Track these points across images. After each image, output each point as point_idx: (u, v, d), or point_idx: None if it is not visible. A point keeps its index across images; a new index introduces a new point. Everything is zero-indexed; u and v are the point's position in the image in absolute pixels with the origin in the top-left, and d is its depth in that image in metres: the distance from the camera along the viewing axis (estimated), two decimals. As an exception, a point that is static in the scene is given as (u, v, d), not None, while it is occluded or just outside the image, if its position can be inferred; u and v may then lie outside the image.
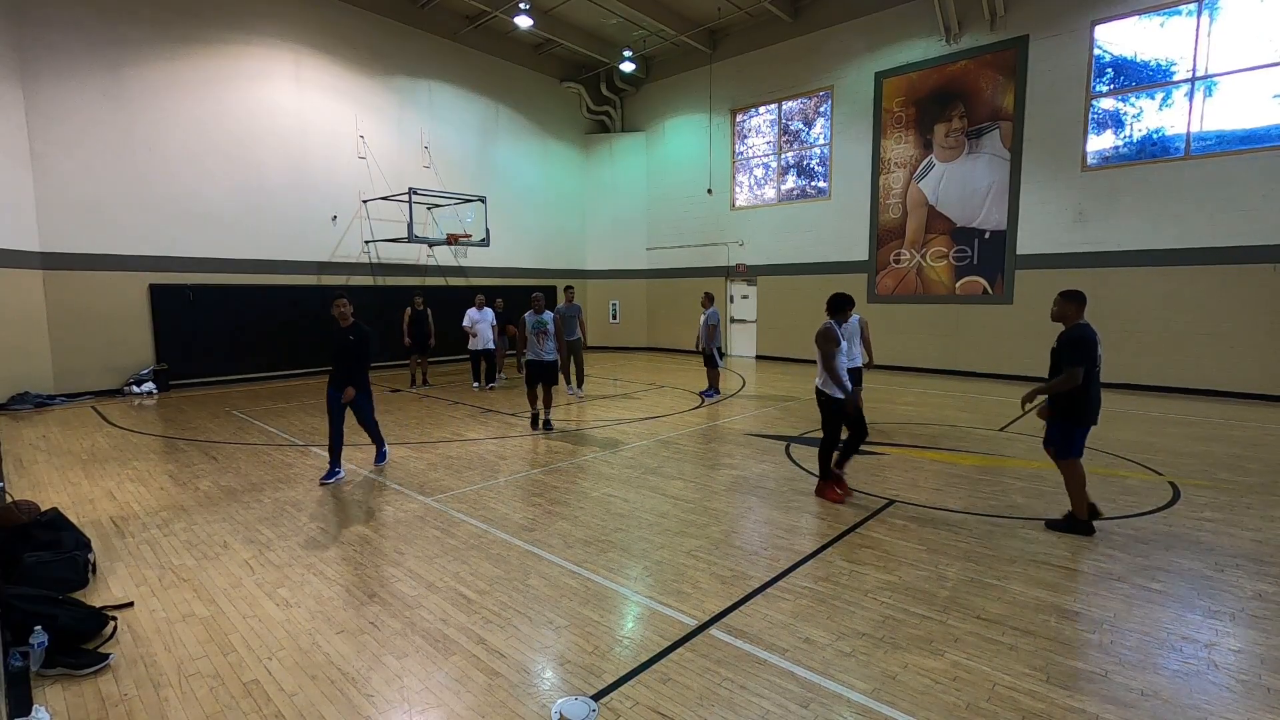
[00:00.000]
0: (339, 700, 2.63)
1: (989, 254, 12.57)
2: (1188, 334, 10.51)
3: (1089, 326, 4.34)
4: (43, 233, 10.12)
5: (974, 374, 12.79)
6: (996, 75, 12.17)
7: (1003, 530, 4.50)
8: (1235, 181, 9.96)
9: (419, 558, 4.08)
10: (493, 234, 15.02)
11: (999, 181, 12.31)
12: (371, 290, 14.28)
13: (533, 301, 7.91)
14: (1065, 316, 4.44)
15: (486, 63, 16.21)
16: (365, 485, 5.68)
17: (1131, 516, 4.78)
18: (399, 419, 8.70)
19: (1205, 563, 3.94)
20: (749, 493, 5.40)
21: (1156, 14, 10.59)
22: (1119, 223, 11.06)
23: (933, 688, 2.68)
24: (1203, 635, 3.10)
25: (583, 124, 19.10)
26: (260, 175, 12.41)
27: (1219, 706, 2.56)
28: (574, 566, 3.94)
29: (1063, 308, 4.44)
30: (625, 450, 6.95)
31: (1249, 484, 5.59)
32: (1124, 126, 11.07)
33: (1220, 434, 7.58)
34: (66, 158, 10.24)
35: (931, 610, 3.35)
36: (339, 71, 13.46)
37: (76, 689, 2.73)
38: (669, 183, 18.26)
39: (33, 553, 3.64)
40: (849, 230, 14.55)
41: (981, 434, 7.60)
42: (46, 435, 7.81)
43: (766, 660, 2.90)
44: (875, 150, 13.97)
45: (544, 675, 2.82)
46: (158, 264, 11.27)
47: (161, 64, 11.12)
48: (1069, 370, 4.21)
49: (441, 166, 15.35)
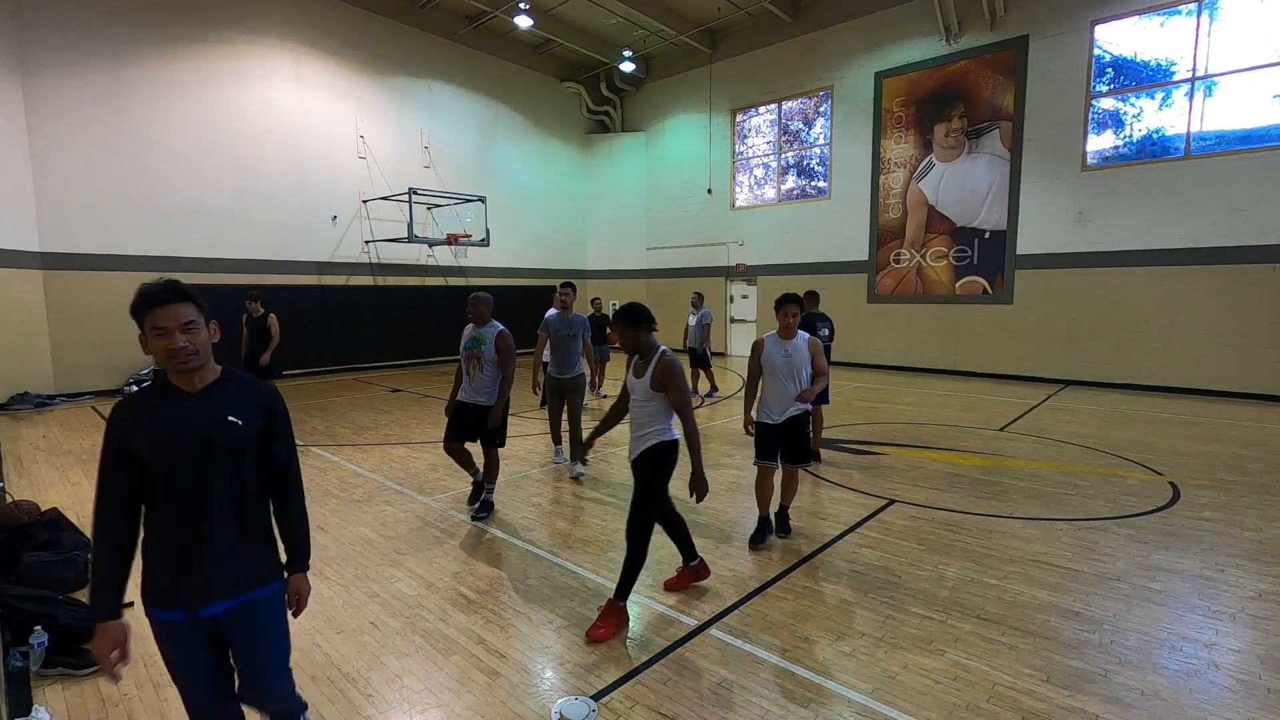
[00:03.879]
0: (339, 700, 2.63)
1: (989, 254, 12.56)
2: (1188, 334, 10.50)
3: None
4: (43, 233, 10.12)
5: (974, 374, 12.79)
6: (996, 75, 12.17)
7: (1003, 530, 4.50)
8: (1235, 181, 9.96)
9: (419, 558, 4.08)
10: (493, 234, 15.02)
11: (999, 181, 12.30)
12: (371, 290, 14.28)
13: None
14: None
15: (486, 63, 16.21)
16: (366, 485, 5.67)
17: (1131, 516, 4.78)
18: (399, 419, 8.70)
19: (1205, 563, 3.94)
20: (749, 492, 5.39)
21: (1156, 14, 10.58)
22: (1119, 223, 11.05)
23: (933, 688, 2.68)
24: (1203, 635, 3.10)
25: (583, 124, 19.10)
26: (260, 175, 12.41)
27: (1219, 706, 2.56)
28: (574, 566, 3.94)
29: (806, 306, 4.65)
30: (625, 450, 6.94)
31: (1249, 484, 5.58)
32: (1124, 126, 11.07)
33: (1220, 434, 7.57)
34: (66, 157, 10.24)
35: (931, 610, 3.35)
36: (339, 71, 13.46)
37: (76, 689, 2.73)
38: (669, 183, 18.26)
39: (33, 553, 3.65)
40: (849, 230, 14.54)
41: (981, 434, 7.60)
42: (46, 435, 7.81)
43: (766, 660, 2.90)
44: (875, 150, 13.97)
45: (544, 675, 2.82)
46: (158, 264, 11.25)
47: (162, 64, 11.11)
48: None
49: (441, 166, 15.34)
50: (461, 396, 4.76)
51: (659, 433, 3.22)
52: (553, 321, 6.01)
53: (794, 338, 4.19)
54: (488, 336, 4.68)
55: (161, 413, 1.70)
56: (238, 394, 1.79)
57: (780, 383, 4.17)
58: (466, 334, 4.76)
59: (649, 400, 3.20)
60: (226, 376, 1.81)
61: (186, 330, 1.65)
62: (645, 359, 3.24)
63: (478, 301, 4.73)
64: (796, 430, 4.25)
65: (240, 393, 1.80)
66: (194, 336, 1.67)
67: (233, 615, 1.76)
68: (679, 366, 3.18)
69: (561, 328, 5.96)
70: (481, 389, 4.69)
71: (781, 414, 4.20)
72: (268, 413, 1.83)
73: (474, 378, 4.69)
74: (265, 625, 1.83)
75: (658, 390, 3.16)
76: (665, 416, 3.23)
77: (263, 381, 1.87)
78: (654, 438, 3.21)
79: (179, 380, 1.72)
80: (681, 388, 3.15)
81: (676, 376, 3.14)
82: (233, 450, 1.74)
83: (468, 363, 4.70)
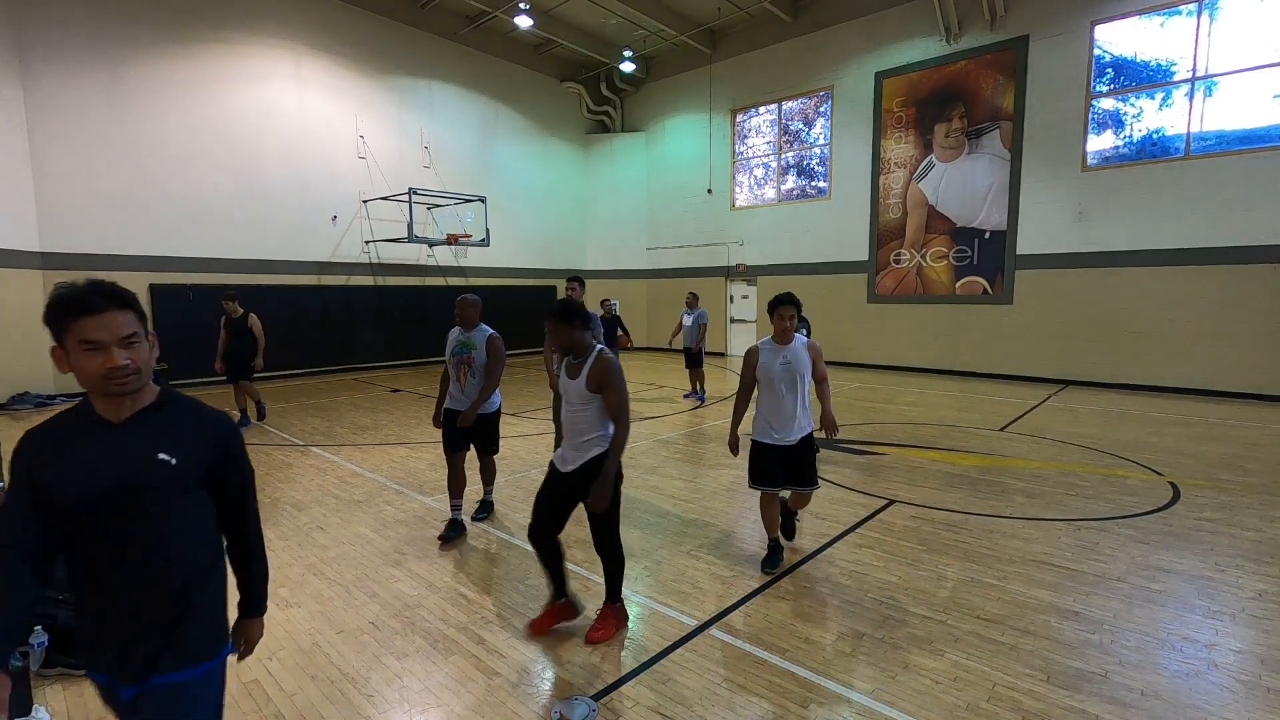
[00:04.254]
0: (339, 700, 2.63)
1: (989, 254, 12.56)
2: (1188, 334, 10.50)
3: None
4: (43, 232, 10.12)
5: (974, 374, 12.79)
6: (996, 75, 12.17)
7: (1003, 530, 4.50)
8: (1235, 181, 9.96)
9: (419, 558, 4.08)
10: (493, 234, 15.02)
11: (999, 181, 12.30)
12: (371, 290, 14.28)
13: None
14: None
15: (486, 63, 16.21)
16: (365, 485, 5.67)
17: (1131, 516, 4.78)
18: (399, 419, 8.70)
19: (1205, 563, 3.94)
20: (749, 493, 5.39)
21: (1156, 14, 10.58)
22: (1119, 223, 11.05)
23: (933, 688, 2.68)
24: (1203, 635, 3.10)
25: (583, 124, 19.10)
26: (260, 175, 12.41)
27: (1219, 706, 2.56)
28: (574, 566, 3.94)
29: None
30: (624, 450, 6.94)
31: (1249, 484, 5.59)
32: (1124, 126, 11.07)
33: (1220, 434, 7.57)
34: (66, 157, 10.24)
35: (931, 610, 3.35)
36: (339, 71, 13.46)
37: (76, 689, 2.73)
38: (669, 183, 18.26)
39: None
40: (849, 230, 14.54)
41: (981, 434, 7.60)
42: (46, 435, 7.79)
43: (766, 660, 2.90)
44: (875, 150, 13.97)
45: (544, 675, 2.82)
46: (158, 264, 11.27)
47: (162, 63, 11.12)
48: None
49: (441, 166, 15.35)
50: (452, 405, 4.47)
51: (600, 440, 2.99)
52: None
53: (791, 342, 3.77)
54: (478, 341, 4.42)
55: (76, 450, 1.35)
56: (175, 423, 1.43)
57: (779, 394, 3.72)
58: (454, 338, 4.47)
59: (586, 404, 2.96)
60: (164, 400, 1.44)
61: (128, 345, 1.32)
62: (580, 359, 3.00)
63: (466, 304, 4.44)
64: (802, 450, 3.76)
65: (179, 421, 1.44)
66: (136, 353, 1.34)
67: (152, 698, 1.41)
68: (617, 366, 2.96)
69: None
70: (474, 396, 4.43)
71: (784, 432, 3.72)
72: (214, 447, 1.48)
73: (465, 384, 4.42)
74: (187, 716, 1.44)
75: (594, 392, 2.93)
76: (605, 422, 2.99)
77: (210, 409, 1.53)
78: (596, 446, 2.98)
79: (106, 407, 1.37)
80: (619, 388, 2.93)
81: (614, 376, 2.92)
82: (163, 497, 1.38)
83: (457, 369, 4.42)
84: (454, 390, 4.46)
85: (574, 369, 3.00)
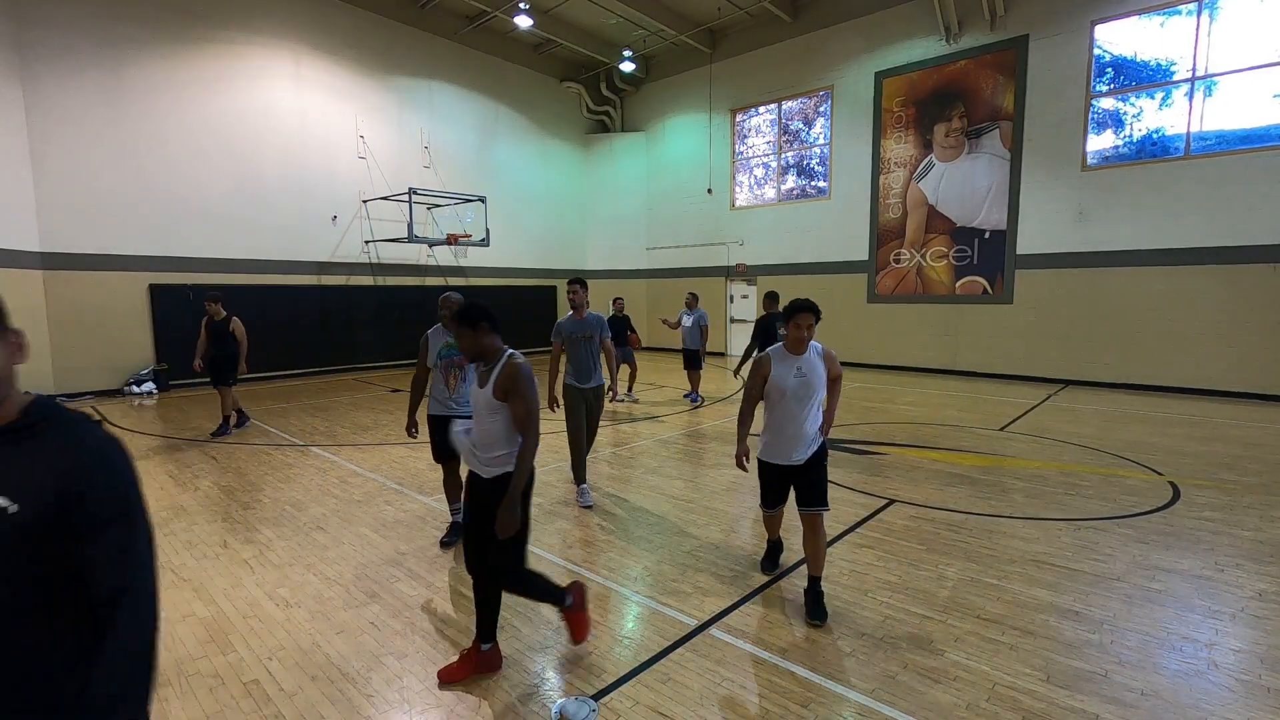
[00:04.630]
0: (339, 700, 2.63)
1: (989, 254, 12.56)
2: (1188, 334, 10.50)
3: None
4: (43, 233, 10.12)
5: (974, 374, 12.79)
6: (996, 75, 12.17)
7: (1003, 530, 4.50)
8: (1235, 181, 9.95)
9: (419, 558, 4.08)
10: (493, 234, 15.01)
11: (999, 181, 12.30)
12: (372, 290, 14.28)
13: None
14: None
15: (486, 63, 16.21)
16: (365, 485, 5.67)
17: (1132, 516, 4.78)
18: (399, 419, 8.69)
19: (1205, 563, 3.94)
20: (749, 493, 5.39)
21: (1156, 14, 10.58)
22: (1119, 222, 11.05)
23: (933, 688, 2.68)
24: (1203, 635, 3.10)
25: (583, 124, 19.10)
26: (260, 175, 12.41)
27: (1219, 706, 2.56)
28: (574, 566, 3.94)
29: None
30: (624, 450, 6.95)
31: (1249, 484, 5.58)
32: (1124, 126, 11.07)
33: (1220, 434, 7.57)
34: (66, 157, 10.24)
35: (931, 610, 3.35)
36: (339, 71, 13.45)
37: (76, 689, 2.73)
38: (669, 183, 18.26)
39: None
40: (849, 230, 14.54)
41: (981, 434, 7.60)
42: (46, 435, 7.79)
43: (766, 660, 2.90)
44: (875, 150, 13.97)
45: (544, 675, 2.82)
46: (158, 264, 11.27)
47: (161, 63, 11.11)
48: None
49: (441, 166, 15.34)
50: (439, 410, 4.18)
51: (508, 458, 2.70)
52: (565, 326, 5.19)
53: (805, 352, 3.39)
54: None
55: None
56: (29, 453, 1.05)
57: (791, 410, 3.35)
58: (439, 339, 4.20)
59: (493, 414, 2.68)
60: (28, 419, 1.08)
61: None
62: (489, 365, 2.72)
63: (450, 303, 4.12)
64: (813, 465, 3.41)
65: (35, 451, 1.05)
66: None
67: None
68: (527, 372, 2.66)
69: (575, 330, 5.16)
70: (465, 400, 4.13)
71: (793, 452, 3.39)
72: (72, 485, 1.04)
73: (455, 389, 4.17)
74: None
75: (501, 400, 2.65)
76: (515, 436, 2.70)
77: (87, 425, 1.14)
78: (502, 464, 2.70)
79: None
80: (527, 397, 2.63)
81: (522, 384, 2.63)
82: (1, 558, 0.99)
83: (446, 372, 4.17)
84: (440, 394, 4.21)
85: (483, 377, 2.74)
